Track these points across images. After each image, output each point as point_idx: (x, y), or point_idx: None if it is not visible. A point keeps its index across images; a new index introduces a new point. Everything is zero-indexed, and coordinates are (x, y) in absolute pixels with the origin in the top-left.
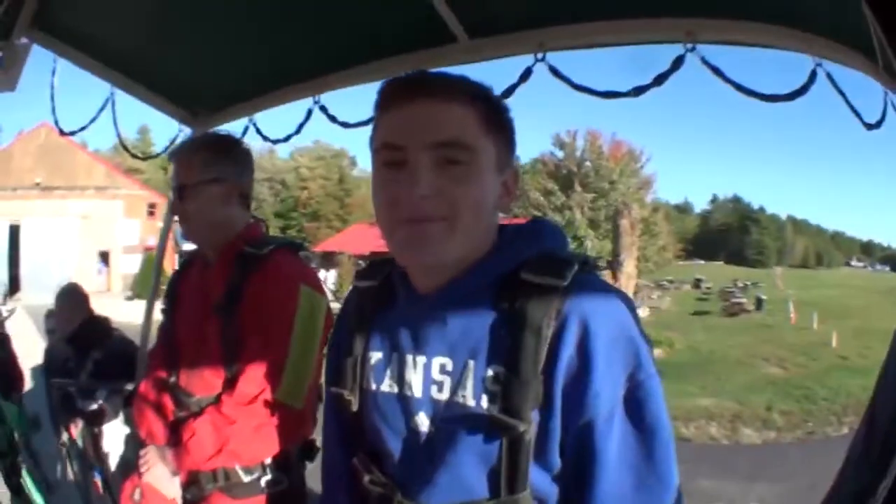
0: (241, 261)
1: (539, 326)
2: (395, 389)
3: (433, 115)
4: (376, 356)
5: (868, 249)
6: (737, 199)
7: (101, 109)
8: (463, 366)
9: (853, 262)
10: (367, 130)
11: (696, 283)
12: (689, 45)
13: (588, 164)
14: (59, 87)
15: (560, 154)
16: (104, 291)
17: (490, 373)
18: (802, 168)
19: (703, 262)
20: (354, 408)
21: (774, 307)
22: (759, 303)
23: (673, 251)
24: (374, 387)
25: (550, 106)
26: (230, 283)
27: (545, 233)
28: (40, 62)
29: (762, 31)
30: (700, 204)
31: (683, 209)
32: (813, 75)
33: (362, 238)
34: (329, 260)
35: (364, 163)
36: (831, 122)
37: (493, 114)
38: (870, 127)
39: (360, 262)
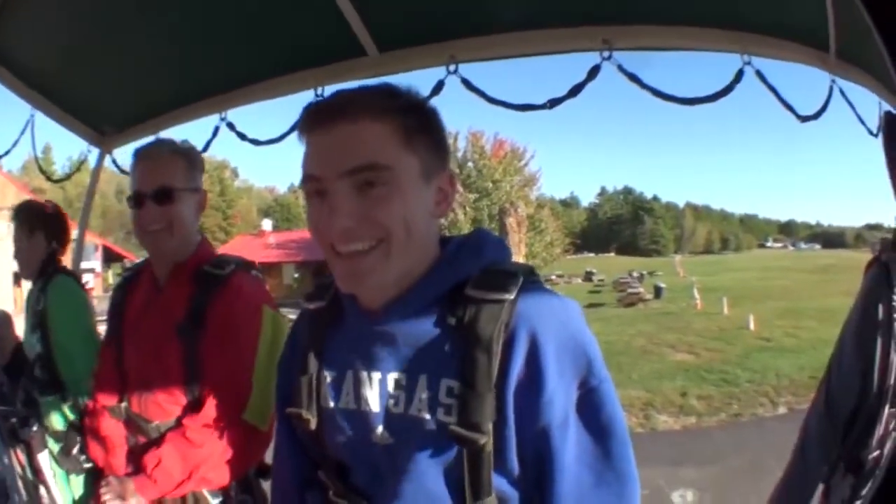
0: (202, 280)
1: (489, 341)
2: (353, 406)
3: (345, 140)
4: (331, 374)
5: (788, 229)
6: (628, 190)
7: (23, 132)
8: (416, 381)
9: (769, 244)
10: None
11: (588, 276)
12: (606, 54)
13: (470, 164)
14: None
15: None
16: (18, 313)
17: (444, 387)
18: (701, 155)
19: (593, 255)
20: (313, 426)
21: (676, 295)
22: (657, 291)
23: (561, 246)
24: (331, 404)
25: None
26: (193, 304)
27: (488, 246)
28: None
29: (684, 35)
30: (587, 197)
31: (570, 203)
32: (740, 73)
33: (246, 249)
34: None
35: (245, 174)
36: (732, 109)
37: (415, 122)
38: (805, 119)
39: None
